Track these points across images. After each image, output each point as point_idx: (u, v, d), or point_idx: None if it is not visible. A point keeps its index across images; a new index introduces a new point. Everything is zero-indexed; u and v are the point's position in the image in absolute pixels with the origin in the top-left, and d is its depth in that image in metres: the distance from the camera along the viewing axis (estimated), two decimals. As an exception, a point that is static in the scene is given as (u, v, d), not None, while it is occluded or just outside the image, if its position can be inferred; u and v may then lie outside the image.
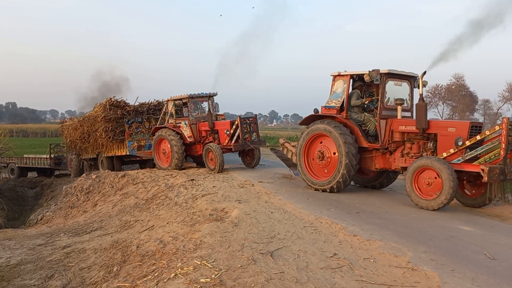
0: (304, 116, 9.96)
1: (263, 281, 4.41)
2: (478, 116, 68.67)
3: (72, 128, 18.20)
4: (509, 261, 5.01)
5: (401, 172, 8.89)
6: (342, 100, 9.06)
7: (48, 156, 21.96)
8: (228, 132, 12.54)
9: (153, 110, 16.38)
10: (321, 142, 9.27)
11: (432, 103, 64.60)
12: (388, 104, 8.84)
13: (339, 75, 9.23)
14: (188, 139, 13.51)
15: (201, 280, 4.53)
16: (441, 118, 66.06)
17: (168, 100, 14.10)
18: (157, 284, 4.73)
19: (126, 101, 16.21)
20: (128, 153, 15.74)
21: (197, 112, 13.99)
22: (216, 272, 4.70)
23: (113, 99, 15.98)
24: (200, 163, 14.21)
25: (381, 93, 8.62)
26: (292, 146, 11.07)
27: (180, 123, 13.60)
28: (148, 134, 15.90)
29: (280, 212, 7.24)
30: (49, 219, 12.41)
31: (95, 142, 16.57)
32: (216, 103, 14.07)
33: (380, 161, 8.95)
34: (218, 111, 14.15)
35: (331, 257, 5.12)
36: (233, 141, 12.50)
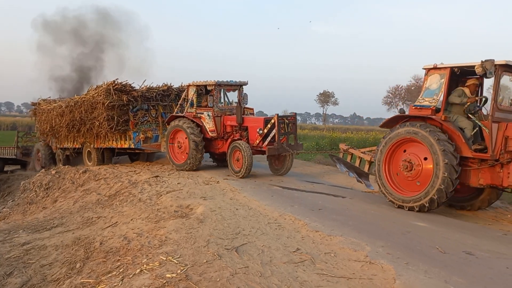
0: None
1: (228, 275, 4.53)
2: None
3: (56, 114, 15.50)
4: (459, 255, 5.35)
5: None
6: (438, 98, 7.63)
7: (14, 146, 19.75)
8: (261, 131, 10.69)
9: (161, 96, 14.14)
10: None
11: (392, 103, 66.75)
12: (503, 104, 7.38)
13: (434, 68, 7.74)
14: (209, 133, 11.62)
15: (167, 275, 4.58)
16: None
17: (189, 85, 12.17)
18: (122, 280, 4.75)
19: (131, 85, 13.80)
20: (132, 146, 13.54)
21: (223, 103, 12.14)
22: (182, 268, 4.77)
23: (117, 82, 13.46)
24: (220, 161, 12.79)
25: (495, 89, 7.13)
26: (362, 152, 9.46)
27: (202, 113, 11.72)
28: (155, 123, 13.90)
29: (245, 208, 7.36)
30: (6, 215, 11.99)
31: (90, 131, 14.21)
32: (245, 94, 12.19)
33: (486, 175, 7.28)
34: (247, 104, 12.17)
35: (294, 252, 5.29)
36: (265, 142, 10.69)
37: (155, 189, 9.48)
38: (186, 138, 11.58)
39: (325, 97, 78.11)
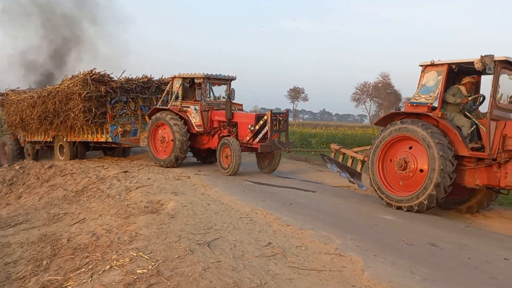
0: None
1: (201, 270, 4.52)
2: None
3: (27, 105, 14.53)
4: (424, 246, 5.54)
5: None
6: (435, 96, 7.47)
7: None
8: (253, 128, 10.45)
9: (141, 88, 13.45)
10: (410, 147, 7.54)
11: (360, 99, 68.14)
12: (501, 102, 7.18)
13: (431, 64, 7.62)
14: (195, 128, 11.27)
15: (138, 271, 4.53)
16: (369, 115, 69.96)
17: (174, 77, 11.71)
18: (91, 276, 4.66)
19: (110, 76, 13.05)
20: (110, 140, 12.79)
21: (210, 97, 11.84)
22: (153, 263, 4.72)
23: (94, 72, 12.67)
24: (204, 158, 12.57)
25: (493, 86, 6.93)
26: (355, 152, 9.33)
27: (188, 107, 11.37)
28: (133, 117, 13.20)
29: (216, 203, 7.36)
30: (-34, 212, 11.51)
31: (64, 124, 13.37)
32: (232, 89, 11.82)
33: (483, 175, 7.05)
34: (234, 99, 11.74)
35: (265, 246, 5.34)
36: (257, 139, 10.42)
37: (124, 184, 9.32)
38: (170, 132, 11.17)
39: (295, 93, 78.80)
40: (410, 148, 7.56)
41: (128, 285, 4.26)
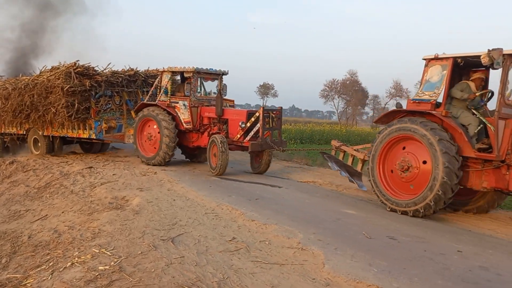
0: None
1: (163, 265, 4.55)
2: (368, 110, 75.15)
3: (0, 96, 13.60)
4: (383, 239, 5.74)
5: None
6: (440, 92, 7.05)
7: None
8: (244, 125, 9.97)
9: (126, 82, 12.64)
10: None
11: (328, 96, 69.09)
12: (510, 99, 6.71)
13: (435, 58, 7.17)
14: (184, 124, 10.74)
15: (100, 267, 4.52)
16: (337, 111, 71.17)
17: (163, 71, 11.15)
18: (52, 274, 4.61)
19: (95, 68, 12.27)
20: (93, 136, 12.12)
21: (200, 92, 11.33)
22: (115, 260, 4.71)
23: (78, 65, 11.87)
24: (193, 156, 12.11)
25: (502, 82, 6.52)
26: (355, 150, 8.93)
27: (177, 103, 10.84)
28: (118, 112, 12.41)
29: (182, 199, 7.36)
30: None
31: (42, 118, 12.50)
32: (224, 84, 11.25)
33: (491, 178, 6.66)
34: (226, 95, 11.23)
35: (230, 241, 5.41)
36: (248, 137, 9.95)
37: (88, 180, 9.17)
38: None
39: (265, 89, 79.09)
40: (404, 148, 7.25)
41: (89, 281, 4.25)
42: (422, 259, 5.09)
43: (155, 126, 10.76)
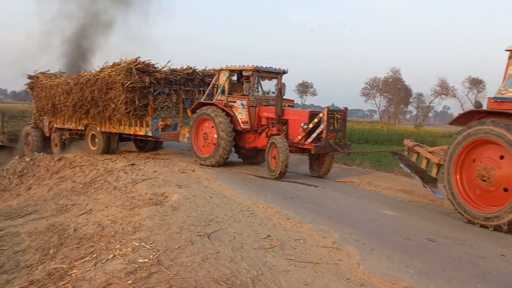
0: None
1: (200, 260, 4.67)
2: (411, 109, 73.08)
3: (61, 91, 13.76)
4: (421, 241, 5.62)
5: None
6: None
7: (0, 132, 18.13)
8: (306, 126, 9.45)
9: (184, 80, 12.58)
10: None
11: (370, 95, 67.75)
12: None
13: None
14: (241, 124, 10.36)
15: (139, 260, 4.69)
16: (378, 110, 69.66)
17: (221, 70, 10.85)
18: (95, 265, 4.83)
19: (155, 66, 12.20)
20: (150, 134, 12.00)
21: (259, 91, 10.94)
22: (154, 253, 4.88)
23: (139, 61, 11.83)
24: (247, 157, 11.68)
25: None
26: (429, 152, 8.03)
27: (235, 102, 10.50)
28: (174, 110, 12.36)
29: (219, 196, 7.49)
30: (-22, 202, 11.82)
31: (101, 114, 12.58)
32: (283, 83, 10.84)
33: None
34: (285, 95, 10.74)
35: (264, 238, 5.46)
36: (309, 139, 9.41)
37: (130, 177, 9.50)
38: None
39: (304, 88, 78.58)
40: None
41: (130, 273, 4.42)
42: (461, 262, 4.94)
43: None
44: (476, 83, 62.90)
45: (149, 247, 5.08)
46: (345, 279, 4.41)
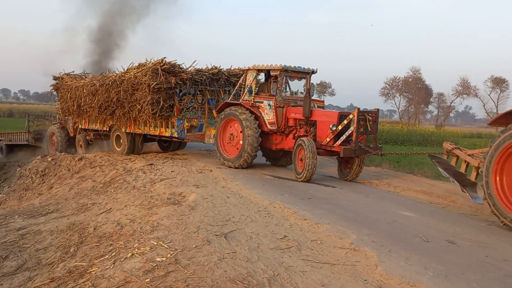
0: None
1: (216, 260, 4.69)
2: (432, 109, 71.94)
3: (87, 92, 13.75)
4: (441, 243, 5.53)
5: None
6: None
7: (26, 131, 18.43)
8: (334, 128, 9.15)
9: (209, 80, 12.39)
10: None
11: (389, 94, 66.90)
12: None
13: None
14: (268, 125, 10.13)
15: (157, 259, 4.75)
16: (398, 109, 68.71)
17: (248, 69, 10.65)
18: (114, 263, 4.91)
19: (181, 66, 12.02)
20: (175, 135, 11.88)
21: (287, 92, 10.78)
22: (171, 252, 4.93)
23: (165, 62, 11.68)
24: (274, 160, 11.44)
25: None
26: (469, 155, 7.72)
27: (262, 102, 10.26)
28: (200, 111, 12.19)
29: (236, 197, 7.52)
30: (2, 201, 12.14)
31: (127, 115, 12.50)
32: (312, 83, 10.58)
33: None
34: (313, 95, 10.41)
35: (281, 239, 5.46)
36: (339, 142, 9.12)
37: (149, 176, 9.62)
38: (239, 129, 10.19)
39: (322, 88, 78.11)
40: None
41: (148, 271, 4.48)
42: (482, 265, 4.84)
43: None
44: (499, 83, 61.51)
45: (167, 246, 5.13)
46: (362, 280, 4.37)
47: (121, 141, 13.58)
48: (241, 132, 10.13)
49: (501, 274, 4.58)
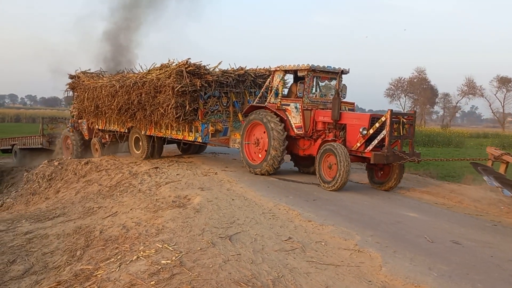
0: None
1: (221, 262, 4.72)
2: (438, 109, 71.63)
3: (106, 93, 13.04)
4: (446, 244, 5.52)
5: None
6: None
7: (40, 134, 18.21)
8: (365, 132, 8.42)
9: (235, 82, 11.63)
10: None
11: (394, 95, 66.72)
12: None
13: None
14: (294, 129, 9.44)
15: (162, 261, 4.78)
16: (403, 110, 68.48)
17: (275, 70, 10.04)
18: (119, 266, 4.95)
19: (206, 67, 11.34)
20: (199, 140, 11.25)
21: (315, 93, 10.04)
22: (176, 254, 4.96)
23: (190, 63, 10.99)
24: (304, 166, 10.67)
25: None
26: None
27: (288, 105, 9.58)
28: (225, 114, 11.50)
29: (241, 199, 7.54)
30: (9, 205, 12.27)
31: (148, 118, 11.84)
32: (343, 84, 9.63)
33: None
34: (345, 97, 9.65)
35: (285, 240, 5.48)
36: (370, 147, 8.39)
37: (154, 180, 9.67)
38: (265, 134, 9.64)
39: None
40: None
41: (153, 274, 4.52)
42: (487, 265, 4.84)
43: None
44: (505, 82, 61.11)
45: (172, 249, 5.16)
46: (367, 281, 4.38)
47: (140, 143, 12.99)
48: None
49: (506, 275, 4.57)
